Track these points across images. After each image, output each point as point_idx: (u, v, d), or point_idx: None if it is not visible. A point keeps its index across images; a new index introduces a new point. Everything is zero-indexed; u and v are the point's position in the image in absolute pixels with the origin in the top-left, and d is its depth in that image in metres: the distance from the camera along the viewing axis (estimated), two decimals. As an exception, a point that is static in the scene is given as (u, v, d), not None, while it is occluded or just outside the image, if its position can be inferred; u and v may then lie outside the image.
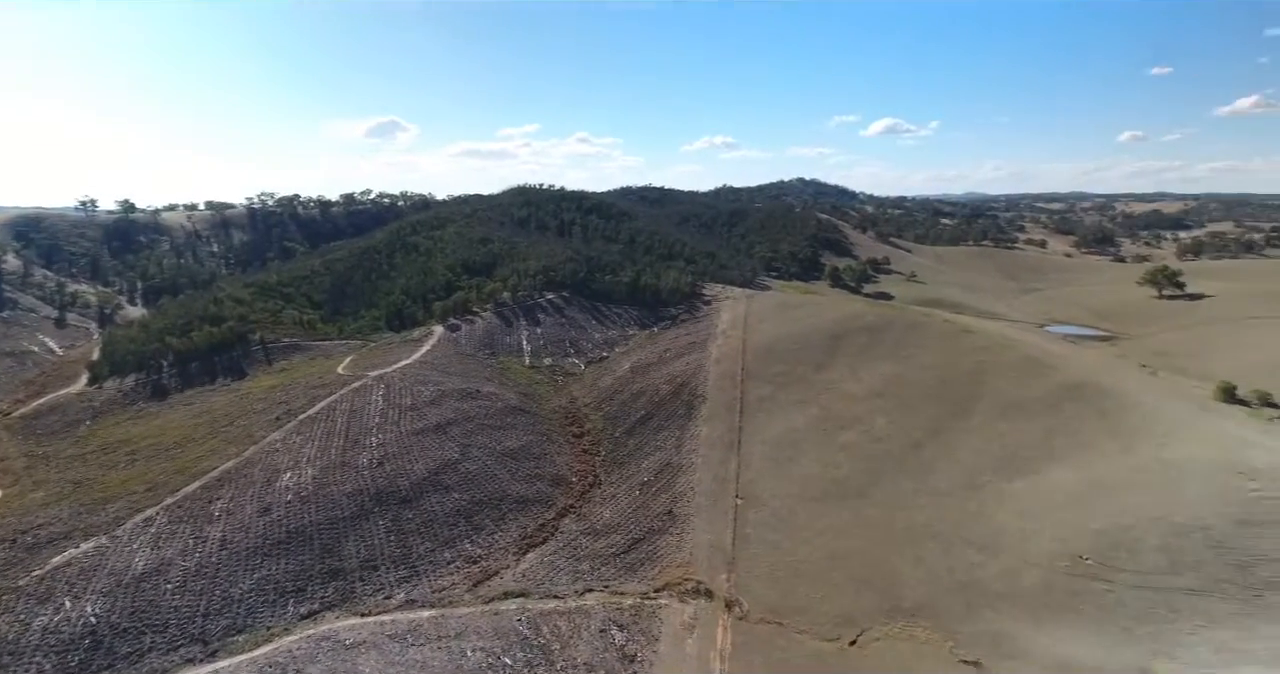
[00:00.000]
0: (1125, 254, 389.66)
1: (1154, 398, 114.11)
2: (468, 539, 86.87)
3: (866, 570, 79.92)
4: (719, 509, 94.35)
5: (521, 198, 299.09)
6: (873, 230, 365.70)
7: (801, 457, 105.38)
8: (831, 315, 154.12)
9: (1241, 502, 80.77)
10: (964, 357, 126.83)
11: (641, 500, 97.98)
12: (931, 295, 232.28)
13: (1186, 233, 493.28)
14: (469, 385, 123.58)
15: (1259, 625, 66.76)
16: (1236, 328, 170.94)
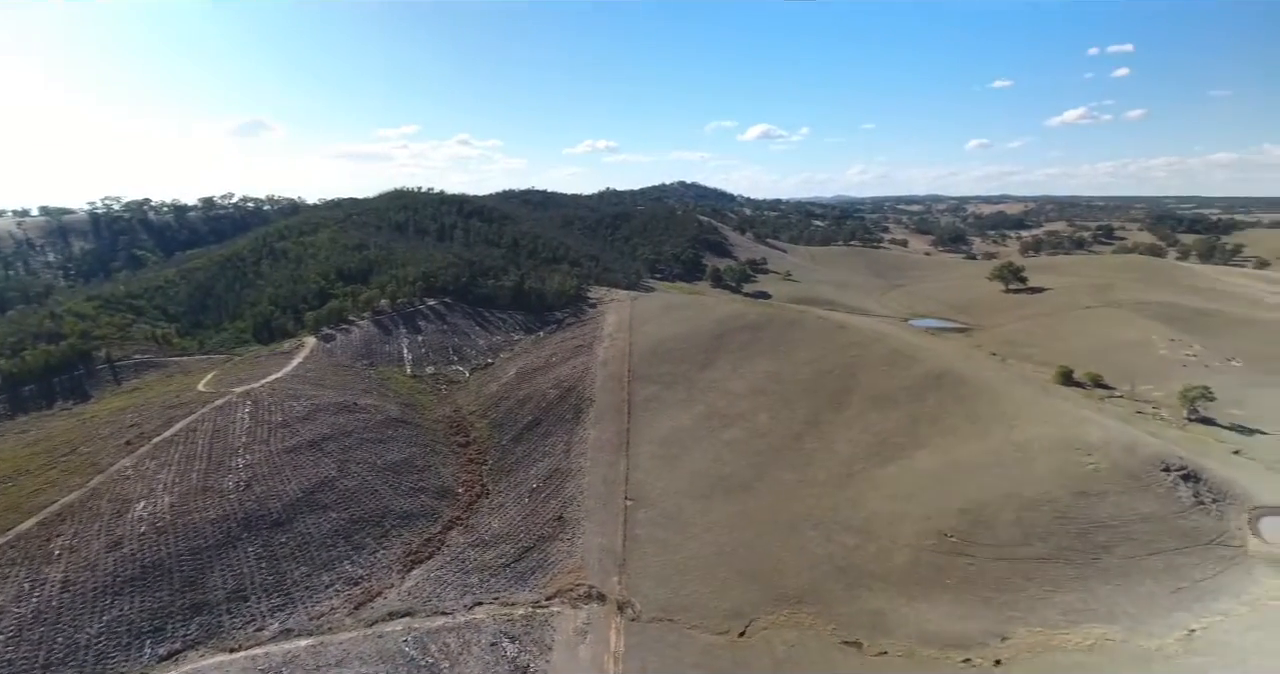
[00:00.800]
0: (976, 252, 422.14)
1: (1004, 384, 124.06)
2: (348, 560, 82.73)
3: (753, 562, 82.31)
4: (609, 511, 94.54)
5: (399, 201, 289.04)
6: (751, 232, 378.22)
7: (688, 455, 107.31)
8: (714, 315, 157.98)
9: (1080, 475, 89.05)
10: (838, 352, 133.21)
11: (531, 508, 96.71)
12: (807, 293, 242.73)
13: (1027, 232, 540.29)
14: (346, 398, 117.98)
15: (1097, 586, 73.79)
16: (1071, 317, 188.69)
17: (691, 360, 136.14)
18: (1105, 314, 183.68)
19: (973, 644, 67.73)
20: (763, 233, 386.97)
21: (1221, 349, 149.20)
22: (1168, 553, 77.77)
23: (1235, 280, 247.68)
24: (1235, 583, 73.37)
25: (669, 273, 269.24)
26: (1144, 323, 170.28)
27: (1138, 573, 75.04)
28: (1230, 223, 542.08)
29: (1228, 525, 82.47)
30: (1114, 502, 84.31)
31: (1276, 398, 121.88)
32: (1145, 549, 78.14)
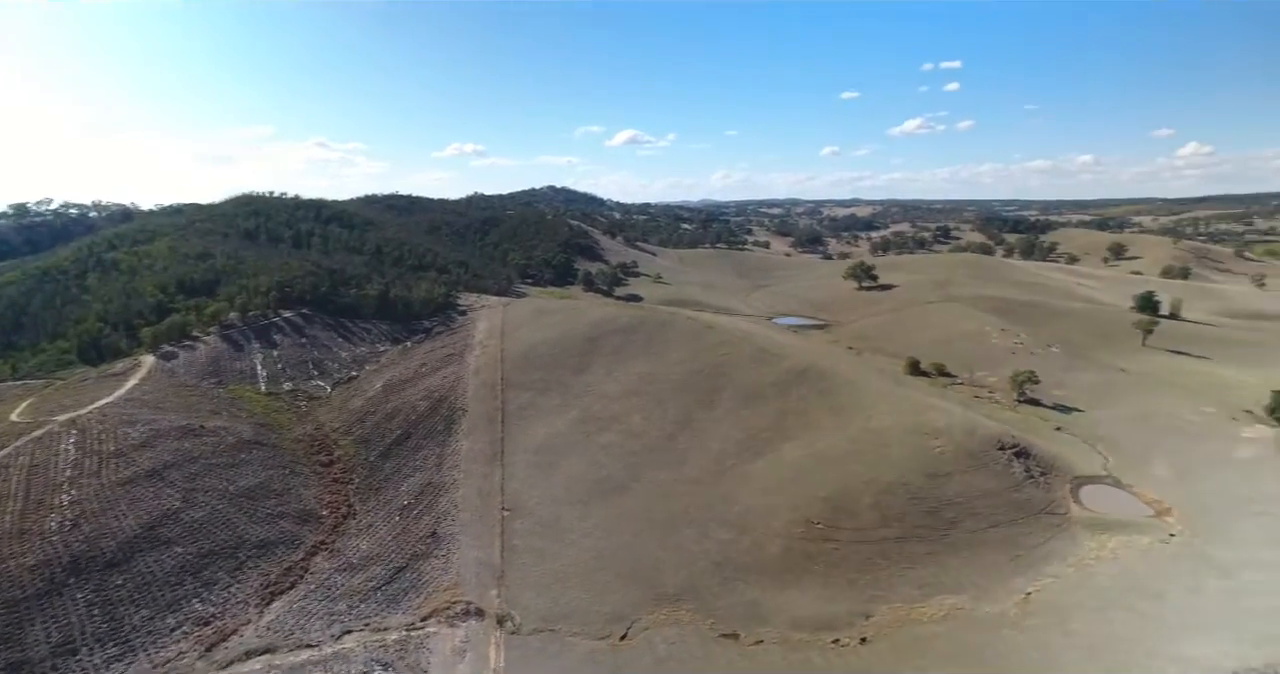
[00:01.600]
0: (832, 252, 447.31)
1: (861, 376, 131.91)
2: (196, 598, 76.06)
3: (632, 564, 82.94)
4: (485, 523, 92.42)
5: (249, 207, 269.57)
6: (621, 236, 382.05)
7: (565, 460, 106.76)
8: (587, 319, 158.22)
9: (929, 458, 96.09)
10: (708, 351, 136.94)
11: (402, 525, 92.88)
12: (676, 295, 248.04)
13: (876, 233, 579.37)
14: (191, 421, 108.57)
15: (948, 560, 79.83)
16: (917, 312, 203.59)
17: (565, 365, 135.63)
18: (945, 308, 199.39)
19: (840, 625, 71.43)
20: (633, 236, 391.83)
21: (1043, 337, 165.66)
22: (1005, 524, 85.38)
23: (1052, 275, 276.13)
24: (1062, 547, 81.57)
25: (541, 278, 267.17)
26: (979, 315, 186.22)
27: (981, 545, 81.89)
28: (1046, 223, 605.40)
29: (1054, 496, 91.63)
30: (959, 481, 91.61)
31: (1088, 379, 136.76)
32: (987, 522, 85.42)
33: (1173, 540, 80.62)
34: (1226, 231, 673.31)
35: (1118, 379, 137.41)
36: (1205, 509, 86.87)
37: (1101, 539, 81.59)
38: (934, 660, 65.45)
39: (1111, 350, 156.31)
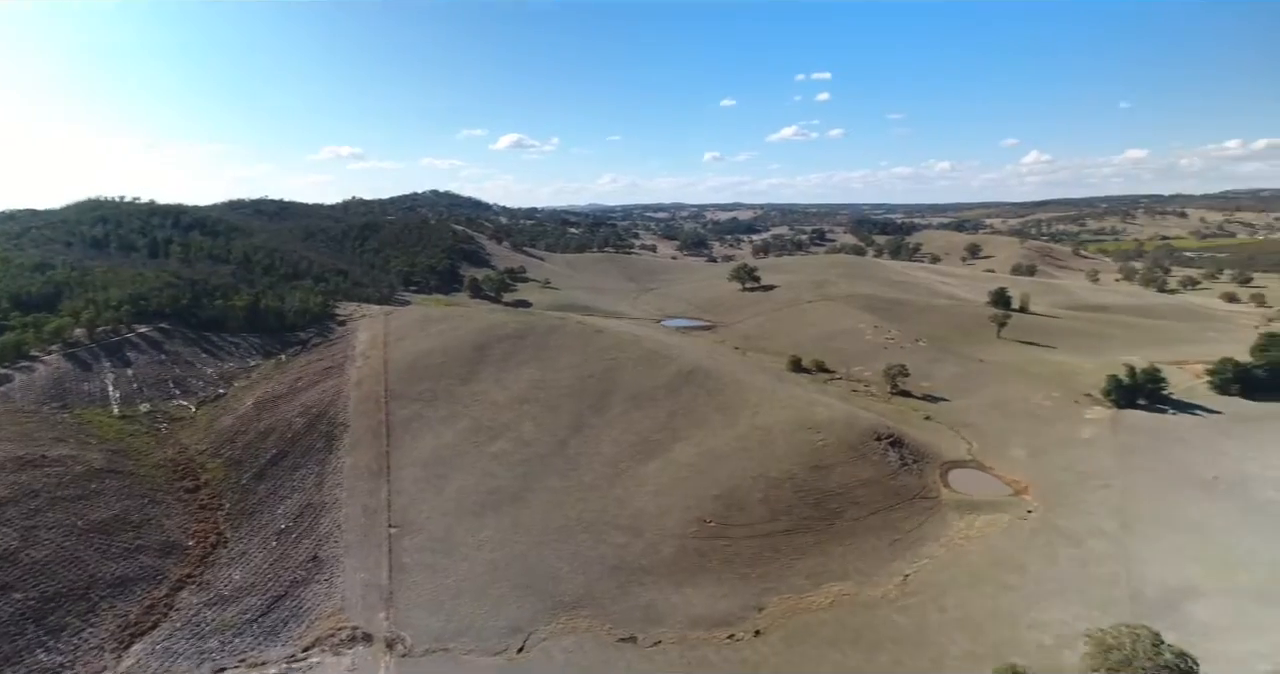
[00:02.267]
0: (716, 255, 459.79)
1: (746, 375, 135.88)
2: (41, 647, 68.49)
3: (527, 574, 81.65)
4: (371, 543, 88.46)
5: (96, 213, 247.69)
6: (508, 241, 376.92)
7: (455, 472, 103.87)
8: (474, 326, 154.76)
9: (813, 451, 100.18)
10: (598, 356, 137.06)
11: (280, 551, 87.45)
12: (566, 300, 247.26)
13: (757, 235, 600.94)
14: (29, 451, 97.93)
15: (832, 548, 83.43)
16: (796, 311, 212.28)
17: (453, 374, 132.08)
18: (823, 307, 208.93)
19: (735, 620, 73.10)
20: (520, 241, 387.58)
21: (911, 332, 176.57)
22: (885, 511, 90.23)
23: (917, 274, 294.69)
24: (935, 529, 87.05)
25: (425, 285, 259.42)
26: (854, 313, 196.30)
27: (864, 532, 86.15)
28: (910, 225, 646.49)
29: (927, 481, 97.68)
30: (841, 472, 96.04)
31: (952, 370, 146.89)
32: (868, 510, 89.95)
33: (1030, 516, 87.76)
34: (1064, 232, 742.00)
35: (977, 369, 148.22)
36: (1057, 486, 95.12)
37: (969, 519, 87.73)
38: (820, 645, 68.21)
39: (971, 343, 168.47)
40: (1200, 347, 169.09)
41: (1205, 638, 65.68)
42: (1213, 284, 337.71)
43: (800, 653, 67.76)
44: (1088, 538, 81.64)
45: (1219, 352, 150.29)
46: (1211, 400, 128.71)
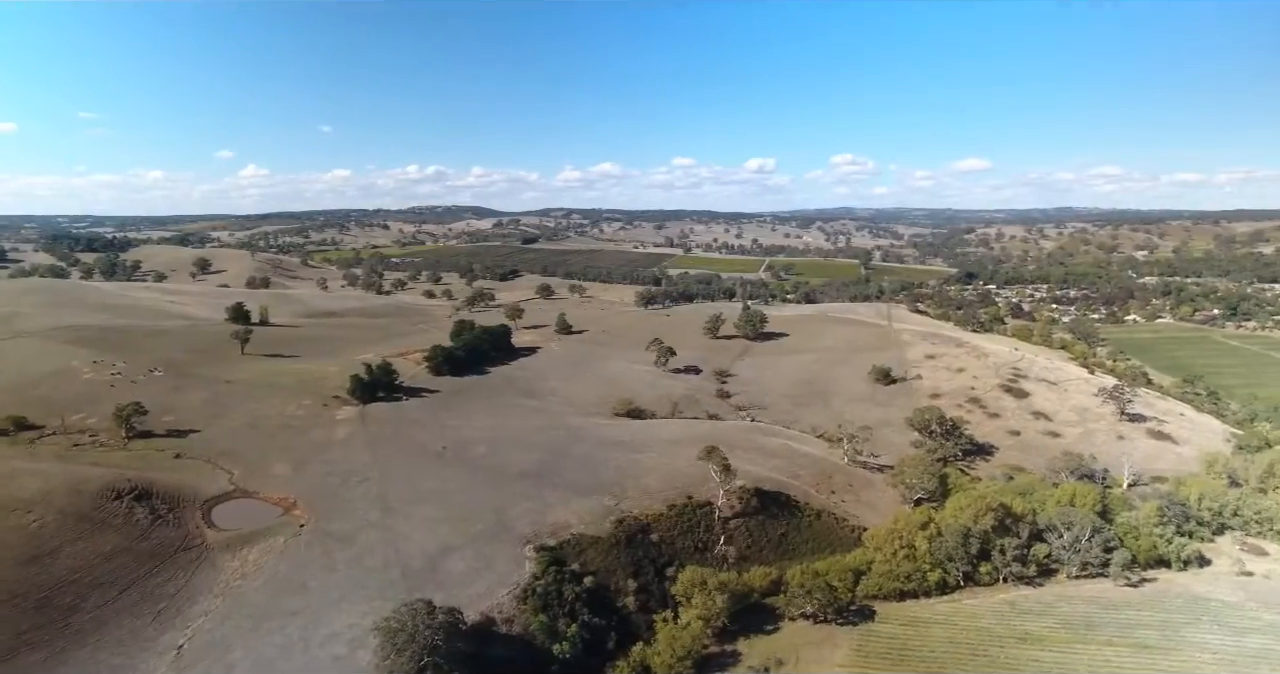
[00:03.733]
0: None
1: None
2: None
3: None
4: None
5: None
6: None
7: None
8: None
9: (26, 538, 77.48)
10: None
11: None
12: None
13: None
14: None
15: (75, 654, 66.43)
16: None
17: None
18: (15, 346, 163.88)
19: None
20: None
21: (143, 362, 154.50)
22: (141, 580, 76.53)
23: (141, 294, 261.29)
24: (206, 580, 78.40)
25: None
26: (61, 349, 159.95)
27: (116, 617, 71.11)
28: (126, 240, 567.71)
29: (188, 528, 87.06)
30: (71, 553, 77.04)
31: (198, 397, 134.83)
32: (118, 588, 74.71)
33: (304, 531, 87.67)
34: (291, 243, 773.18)
35: (226, 391, 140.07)
36: (324, 492, 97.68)
37: (243, 555, 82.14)
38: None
39: (215, 363, 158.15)
40: (416, 338, 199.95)
41: (463, 585, 78.08)
42: (416, 284, 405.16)
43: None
44: (359, 534, 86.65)
45: (430, 340, 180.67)
46: (431, 382, 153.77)
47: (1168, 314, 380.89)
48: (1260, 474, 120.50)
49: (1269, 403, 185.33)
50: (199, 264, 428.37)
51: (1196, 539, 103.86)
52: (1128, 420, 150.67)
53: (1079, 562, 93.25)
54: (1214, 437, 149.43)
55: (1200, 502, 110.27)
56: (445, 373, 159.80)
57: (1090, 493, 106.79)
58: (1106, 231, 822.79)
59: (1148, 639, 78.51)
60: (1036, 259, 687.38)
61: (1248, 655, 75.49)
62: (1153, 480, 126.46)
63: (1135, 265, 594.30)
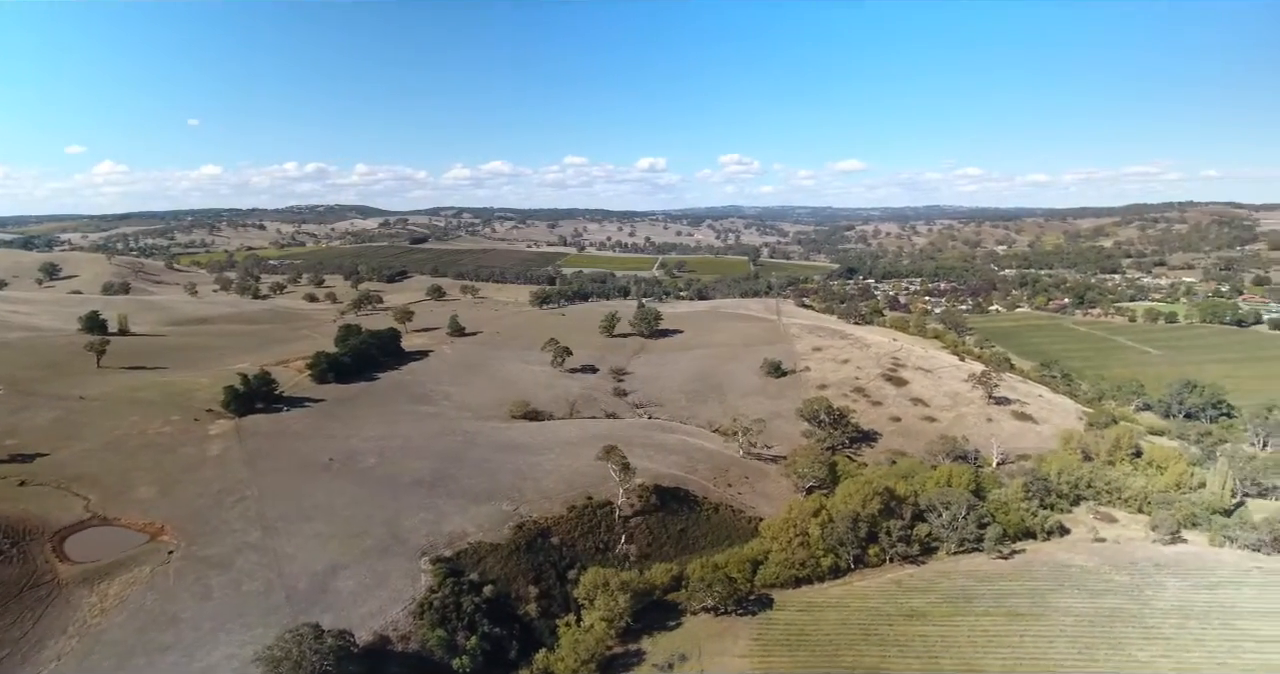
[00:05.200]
0: None
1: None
2: None
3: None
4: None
5: None
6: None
7: None
8: None
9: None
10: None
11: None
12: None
13: None
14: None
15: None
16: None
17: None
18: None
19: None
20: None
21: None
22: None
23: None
24: (59, 618, 71.15)
25: None
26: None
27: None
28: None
29: (34, 563, 78.79)
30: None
31: (46, 417, 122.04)
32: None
33: (173, 557, 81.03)
34: (155, 246, 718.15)
35: (80, 409, 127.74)
36: (195, 514, 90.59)
37: (102, 589, 74.99)
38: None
39: (66, 379, 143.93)
40: (297, 344, 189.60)
41: (355, 604, 74.42)
42: (296, 287, 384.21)
43: None
44: (236, 557, 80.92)
45: (313, 347, 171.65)
46: (315, 391, 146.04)
47: (1025, 304, 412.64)
48: (1108, 448, 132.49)
49: (1113, 382, 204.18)
50: (46, 269, 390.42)
51: (1057, 511, 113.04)
52: (995, 403, 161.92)
53: (957, 538, 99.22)
54: (1069, 415, 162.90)
55: (1059, 476, 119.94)
56: (330, 380, 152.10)
57: (965, 473, 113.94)
58: (971, 228, 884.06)
59: (1019, 607, 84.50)
60: (910, 254, 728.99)
61: (1103, 615, 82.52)
62: (1018, 458, 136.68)
63: (996, 259, 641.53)
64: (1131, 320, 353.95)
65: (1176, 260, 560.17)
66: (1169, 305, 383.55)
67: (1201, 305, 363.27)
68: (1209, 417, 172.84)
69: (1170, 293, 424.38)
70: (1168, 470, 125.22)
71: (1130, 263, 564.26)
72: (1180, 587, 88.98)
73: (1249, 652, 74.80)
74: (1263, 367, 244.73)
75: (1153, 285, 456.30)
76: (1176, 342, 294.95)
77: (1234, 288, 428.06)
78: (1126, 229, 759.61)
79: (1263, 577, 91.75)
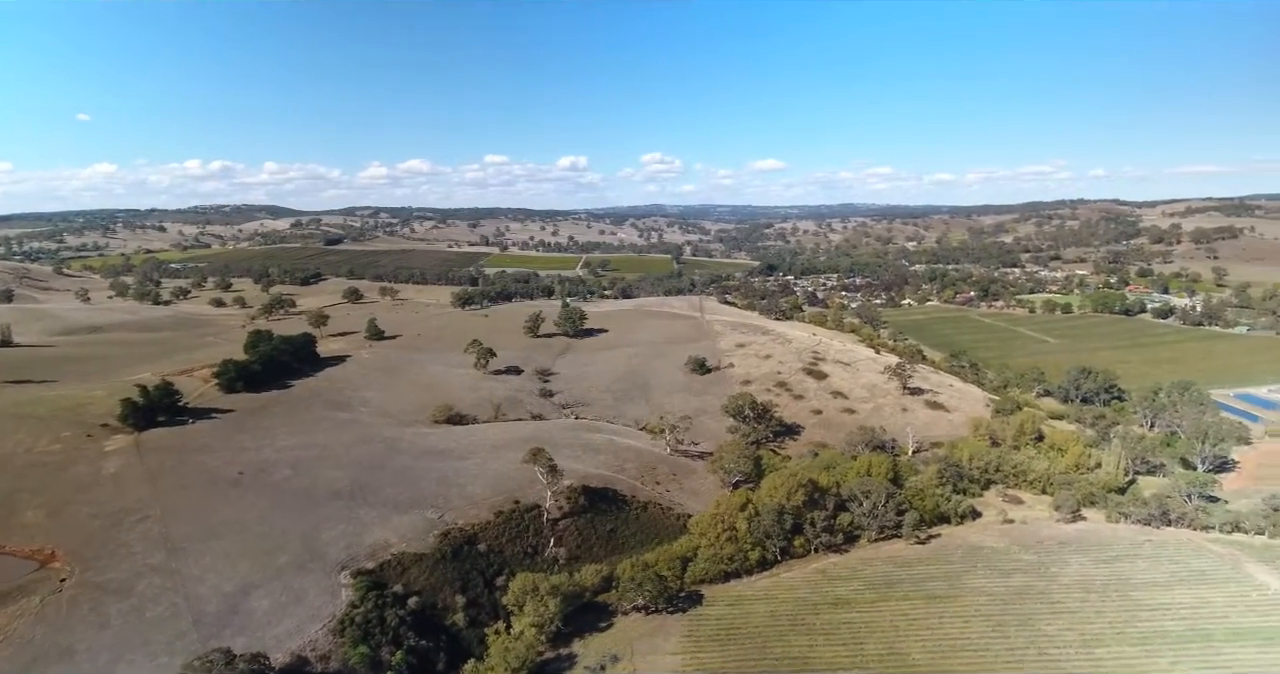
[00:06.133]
0: None
1: None
2: None
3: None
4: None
5: None
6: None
7: None
8: None
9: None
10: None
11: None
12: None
13: None
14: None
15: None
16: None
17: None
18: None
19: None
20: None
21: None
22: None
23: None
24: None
25: None
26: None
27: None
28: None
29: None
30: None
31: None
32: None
33: (65, 585, 75.38)
34: (42, 250, 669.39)
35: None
36: (90, 538, 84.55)
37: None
38: None
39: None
40: (203, 352, 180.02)
41: (270, 625, 70.92)
42: (201, 291, 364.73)
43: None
44: (138, 582, 75.86)
45: (220, 354, 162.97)
46: (223, 401, 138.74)
47: (935, 297, 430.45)
48: (1014, 433, 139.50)
49: (1017, 371, 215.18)
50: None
51: (969, 495, 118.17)
52: (909, 394, 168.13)
53: (877, 526, 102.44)
54: (977, 403, 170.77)
55: (970, 462, 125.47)
56: (240, 390, 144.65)
57: (883, 462, 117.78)
58: (883, 225, 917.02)
59: (936, 590, 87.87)
60: (827, 251, 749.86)
61: (1013, 593, 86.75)
62: (932, 446, 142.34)
63: (907, 255, 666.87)
64: (1031, 311, 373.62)
65: (1070, 254, 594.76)
66: (1064, 297, 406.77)
67: (1093, 296, 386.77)
68: (1103, 400, 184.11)
69: (1065, 285, 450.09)
70: (1068, 453, 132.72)
71: (1029, 257, 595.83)
72: (1082, 562, 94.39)
73: (1143, 620, 79.97)
74: (1148, 352, 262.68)
75: (1049, 278, 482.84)
76: (1072, 331, 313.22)
77: (1121, 279, 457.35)
78: (1025, 225, 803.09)
79: (1153, 549, 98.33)
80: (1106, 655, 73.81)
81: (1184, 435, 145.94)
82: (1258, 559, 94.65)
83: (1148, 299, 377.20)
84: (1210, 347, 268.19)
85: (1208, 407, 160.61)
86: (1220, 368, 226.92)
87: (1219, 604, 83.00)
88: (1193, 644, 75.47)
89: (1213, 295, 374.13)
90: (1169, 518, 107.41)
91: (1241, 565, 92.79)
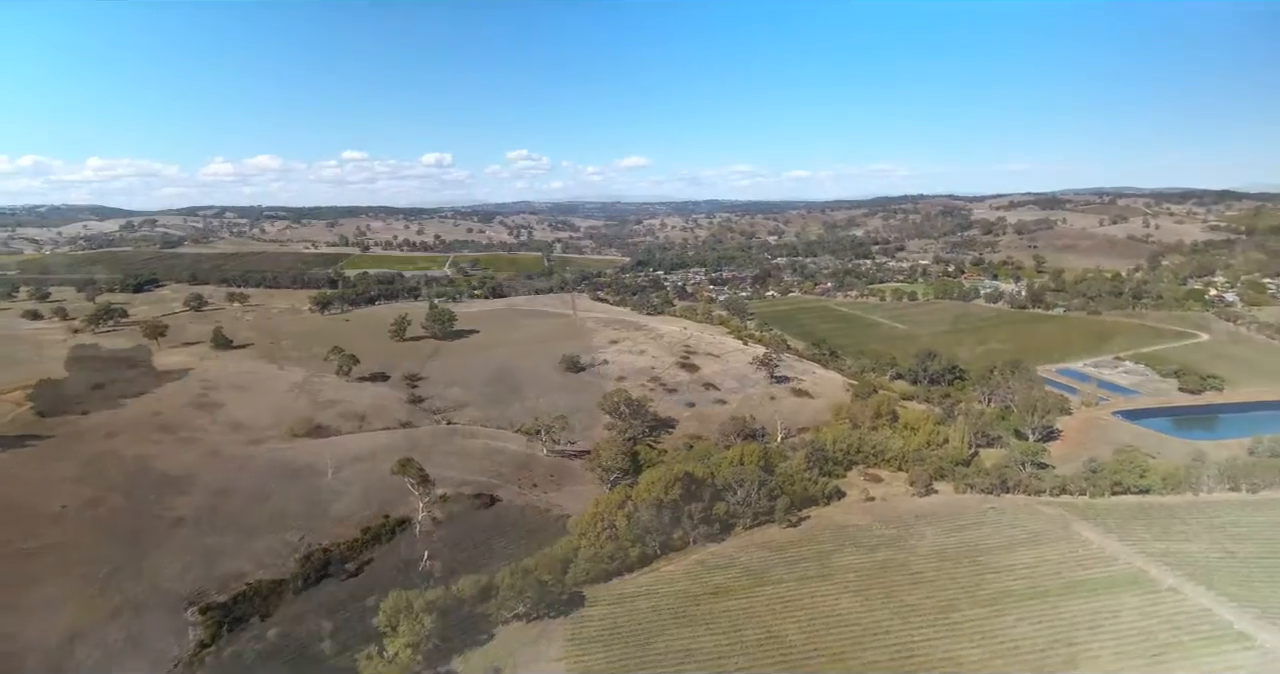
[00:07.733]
0: None
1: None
2: None
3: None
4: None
5: None
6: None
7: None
8: None
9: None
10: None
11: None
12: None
13: None
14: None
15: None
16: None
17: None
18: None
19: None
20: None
21: None
22: None
23: None
24: None
25: None
26: None
27: None
28: None
29: None
30: None
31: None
32: None
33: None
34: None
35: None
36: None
37: None
38: None
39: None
40: (15, 371, 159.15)
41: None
42: (11, 303, 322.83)
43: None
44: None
45: (37, 373, 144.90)
46: (40, 426, 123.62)
47: (797, 289, 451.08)
48: (871, 416, 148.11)
49: (872, 356, 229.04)
50: None
51: (834, 477, 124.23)
52: (776, 383, 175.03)
53: (752, 513, 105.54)
54: (838, 388, 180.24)
55: (834, 444, 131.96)
56: (61, 412, 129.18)
57: (755, 450, 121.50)
58: (746, 220, 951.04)
59: (808, 571, 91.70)
60: (694, 246, 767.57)
61: (877, 567, 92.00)
62: (799, 431, 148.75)
63: (770, 248, 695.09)
64: (882, 300, 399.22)
65: (914, 246, 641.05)
66: (910, 285, 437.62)
67: (935, 285, 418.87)
68: (947, 380, 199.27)
69: (910, 274, 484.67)
70: (919, 431, 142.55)
71: (878, 249, 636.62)
72: (936, 533, 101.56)
73: (990, 582, 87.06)
74: (983, 334, 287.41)
75: (897, 268, 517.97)
76: (918, 317, 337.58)
77: (958, 268, 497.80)
78: (873, 219, 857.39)
79: (996, 515, 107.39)
80: (961, 619, 79.67)
81: (1016, 409, 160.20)
82: (1082, 517, 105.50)
83: (981, 286, 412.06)
84: (1034, 327, 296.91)
85: (1035, 382, 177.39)
86: (1043, 346, 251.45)
87: (1053, 562, 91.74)
88: (1033, 600, 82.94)
89: (1034, 281, 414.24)
90: (1007, 485, 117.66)
91: (1070, 524, 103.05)
